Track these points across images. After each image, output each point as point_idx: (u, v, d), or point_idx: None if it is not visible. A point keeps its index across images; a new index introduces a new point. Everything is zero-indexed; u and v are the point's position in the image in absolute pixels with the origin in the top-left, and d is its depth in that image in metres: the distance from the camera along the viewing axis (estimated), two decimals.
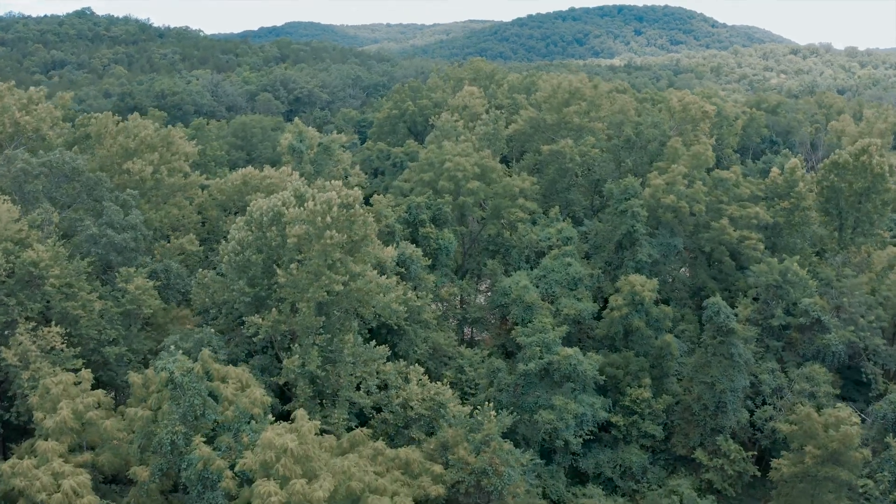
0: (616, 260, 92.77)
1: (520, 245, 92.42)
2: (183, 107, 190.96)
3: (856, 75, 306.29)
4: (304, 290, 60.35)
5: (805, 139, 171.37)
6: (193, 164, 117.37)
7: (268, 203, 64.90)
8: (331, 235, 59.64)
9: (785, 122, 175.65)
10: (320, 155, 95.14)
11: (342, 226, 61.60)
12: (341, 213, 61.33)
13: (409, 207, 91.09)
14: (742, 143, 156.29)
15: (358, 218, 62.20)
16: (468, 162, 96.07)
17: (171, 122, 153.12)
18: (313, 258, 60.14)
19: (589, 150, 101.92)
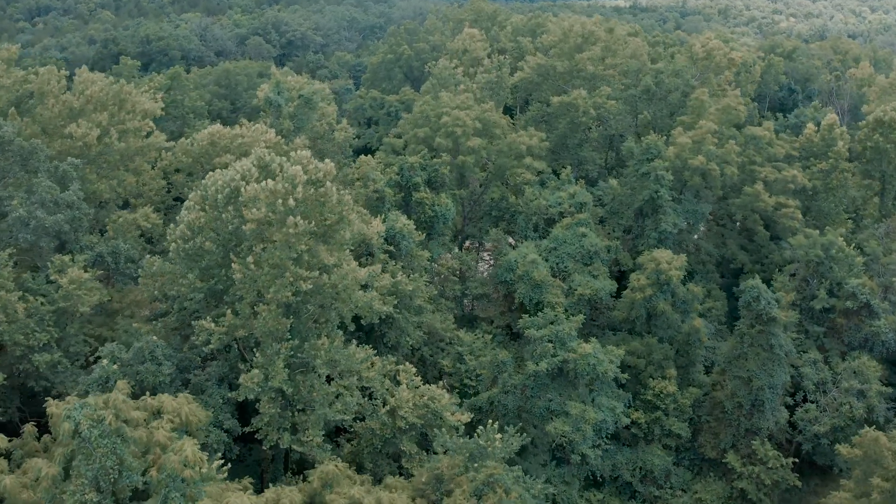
0: (636, 228, 78.77)
1: (527, 211, 78.32)
2: (169, 52, 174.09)
3: (867, 20, 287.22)
4: (264, 288, 46.59)
5: (824, 87, 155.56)
6: (170, 118, 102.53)
7: (224, 176, 50.62)
8: (295, 223, 45.54)
9: (803, 68, 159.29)
10: (301, 109, 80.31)
11: (311, 208, 47.51)
12: (308, 192, 47.16)
13: (402, 169, 76.73)
14: (758, 90, 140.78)
15: (330, 198, 47.98)
16: (468, 116, 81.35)
17: (157, 70, 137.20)
18: (275, 249, 46.20)
19: (604, 101, 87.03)
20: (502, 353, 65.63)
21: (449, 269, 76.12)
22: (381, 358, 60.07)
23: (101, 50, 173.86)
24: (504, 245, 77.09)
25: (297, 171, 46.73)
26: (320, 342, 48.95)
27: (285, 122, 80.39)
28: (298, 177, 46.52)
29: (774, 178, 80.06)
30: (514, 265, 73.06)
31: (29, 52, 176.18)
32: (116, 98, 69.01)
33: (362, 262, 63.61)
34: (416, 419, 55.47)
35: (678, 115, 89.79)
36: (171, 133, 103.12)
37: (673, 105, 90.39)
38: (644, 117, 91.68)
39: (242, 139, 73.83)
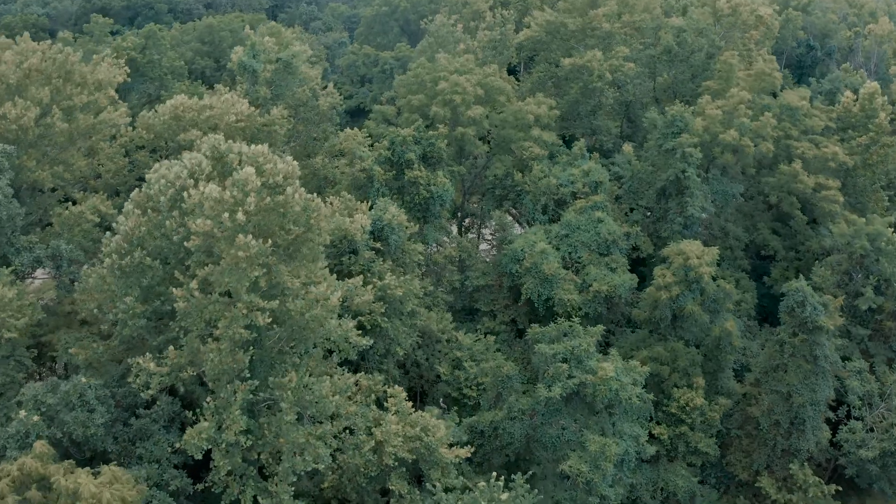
0: (657, 210, 67.59)
1: (534, 191, 67.01)
2: (155, 6, 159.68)
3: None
4: (213, 320, 35.77)
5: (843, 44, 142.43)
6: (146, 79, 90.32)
7: (169, 172, 39.29)
8: (246, 243, 34.40)
9: (820, 23, 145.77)
10: (279, 74, 68.37)
11: (268, 221, 36.36)
12: (264, 201, 35.85)
13: (393, 143, 65.26)
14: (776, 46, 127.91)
15: (292, 207, 36.66)
16: (468, 82, 69.41)
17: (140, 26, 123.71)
18: (223, 274, 35.18)
19: (621, 64, 75.02)
20: (507, 365, 55.09)
21: (446, 258, 65.25)
22: (367, 377, 49.71)
23: (83, 5, 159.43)
24: (509, 230, 66.02)
25: (248, 175, 35.34)
26: (287, 379, 38.29)
27: (261, 90, 68.53)
28: (250, 182, 35.17)
29: (813, 155, 68.62)
30: (521, 255, 62.19)
31: (9, 9, 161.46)
32: (61, 70, 57.01)
33: (344, 262, 52.73)
34: (406, 454, 45.34)
35: (701, 78, 77.95)
36: (147, 97, 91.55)
37: (695, 67, 78.42)
38: (663, 80, 79.82)
39: (211, 111, 62.23)
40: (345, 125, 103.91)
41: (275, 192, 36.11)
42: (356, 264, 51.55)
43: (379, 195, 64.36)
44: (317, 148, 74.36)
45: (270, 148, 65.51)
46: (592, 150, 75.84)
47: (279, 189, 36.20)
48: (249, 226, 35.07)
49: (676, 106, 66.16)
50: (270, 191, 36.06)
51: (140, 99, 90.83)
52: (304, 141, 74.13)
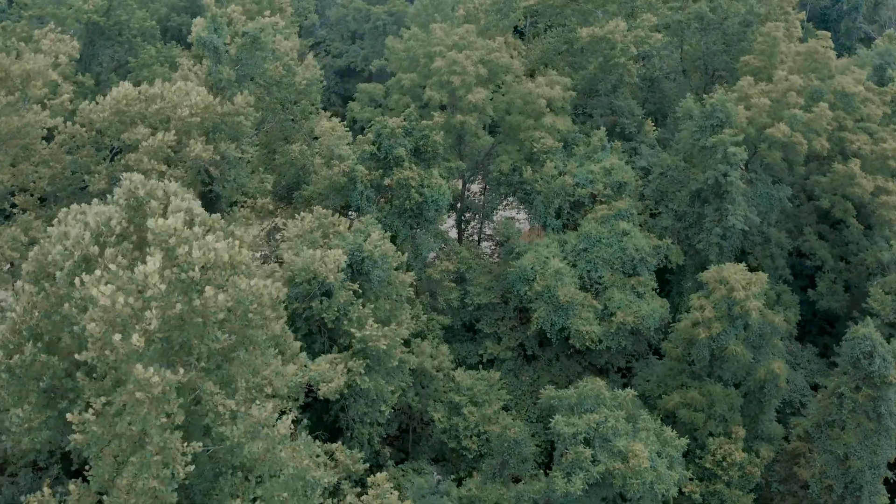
0: (691, 214, 57.00)
1: (547, 191, 56.25)
2: None
3: None
4: (121, 460, 25.60)
5: None
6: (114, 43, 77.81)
7: (68, 236, 28.54)
8: (146, 379, 23.68)
9: None
10: (246, 50, 56.66)
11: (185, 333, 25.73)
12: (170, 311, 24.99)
13: (379, 136, 54.21)
14: None
15: (214, 315, 25.72)
16: (469, 59, 57.66)
17: None
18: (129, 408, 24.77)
19: (647, 35, 63.21)
20: (515, 427, 45.45)
21: (443, 273, 54.92)
22: (344, 451, 39.94)
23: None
24: (515, 238, 55.42)
25: (148, 273, 24.47)
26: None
27: (224, 70, 56.83)
28: (152, 286, 24.38)
29: (870, 151, 57.75)
30: (532, 275, 51.90)
31: None
32: None
33: (314, 308, 42.18)
34: None
35: (735, 50, 66.32)
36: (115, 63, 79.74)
37: (729, 36, 66.74)
38: (692, 49, 68.15)
39: (162, 102, 51.00)
40: (334, 87, 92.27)
41: (191, 289, 25.41)
42: (329, 310, 41.20)
43: (363, 199, 53.66)
44: (295, 130, 63.21)
45: (234, 143, 55.07)
46: (612, 132, 64.65)
47: (197, 287, 25.46)
48: (153, 350, 24.49)
49: (717, 94, 54.89)
50: (185, 288, 25.35)
51: (108, 65, 79.10)
52: (279, 123, 62.84)
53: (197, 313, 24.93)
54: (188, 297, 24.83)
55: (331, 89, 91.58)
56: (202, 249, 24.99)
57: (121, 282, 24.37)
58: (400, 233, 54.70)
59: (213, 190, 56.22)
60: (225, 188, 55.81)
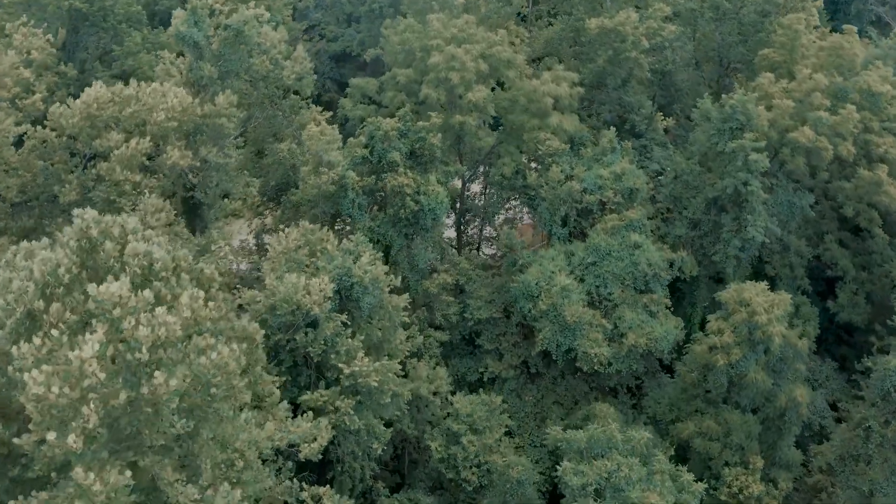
0: (706, 222, 52.90)
1: (552, 197, 52.08)
2: None
3: None
4: None
5: None
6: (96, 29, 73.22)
7: (14, 283, 24.54)
8: (86, 487, 19.72)
9: None
10: (228, 45, 52.15)
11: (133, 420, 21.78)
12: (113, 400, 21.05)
13: (371, 139, 50.03)
14: None
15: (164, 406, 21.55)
16: (469, 54, 53.13)
17: None
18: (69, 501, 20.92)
19: (660, 27, 58.63)
20: (518, 465, 41.86)
21: (440, 287, 50.96)
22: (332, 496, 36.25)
23: None
24: (518, 249, 51.31)
25: (85, 359, 20.46)
26: None
27: (206, 67, 52.35)
28: (90, 374, 20.40)
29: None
30: (536, 291, 47.96)
31: None
32: None
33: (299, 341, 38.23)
34: None
35: (753, 41, 61.80)
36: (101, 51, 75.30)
37: (746, 27, 62.18)
38: (705, 40, 63.60)
39: (137, 105, 46.81)
40: (328, 73, 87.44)
41: (140, 372, 21.41)
42: (315, 342, 37.26)
43: (354, 207, 49.56)
44: (284, 126, 59.01)
45: (216, 146, 50.73)
46: (620, 127, 60.32)
47: (146, 368, 21.41)
48: (92, 448, 20.54)
49: (737, 93, 50.54)
50: (132, 371, 21.35)
51: (93, 53, 74.69)
52: (267, 120, 58.61)
53: (146, 402, 21.05)
54: (135, 382, 20.90)
55: (325, 75, 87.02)
56: (151, 325, 21.03)
57: (57, 362, 20.42)
58: (395, 243, 50.74)
59: (195, 196, 52.20)
60: (207, 195, 51.74)
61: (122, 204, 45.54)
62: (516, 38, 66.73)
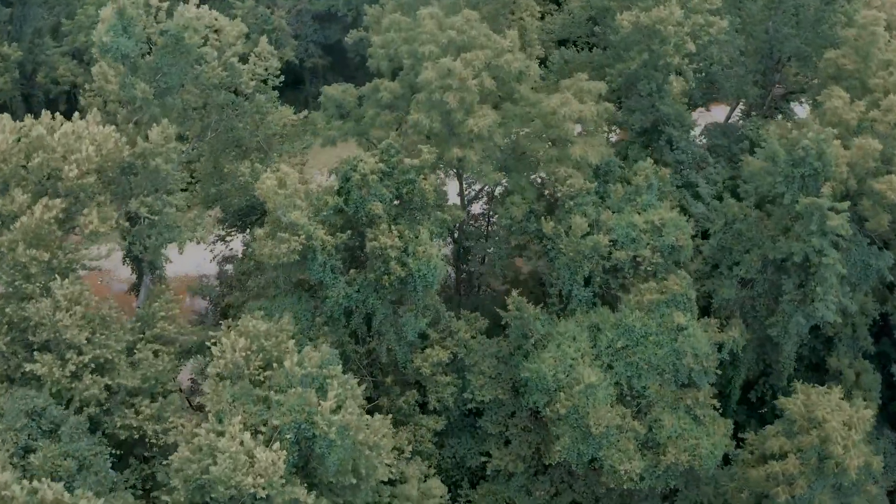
0: (761, 282, 42.13)
1: (573, 252, 41.04)
2: None
3: None
4: None
5: None
6: None
7: None
8: None
9: None
10: (167, 55, 40.18)
11: None
12: None
13: (345, 183, 38.92)
14: None
15: None
16: (471, 67, 40.91)
17: None
18: None
19: (708, 22, 46.10)
20: None
21: (434, 366, 40.69)
22: None
23: None
24: (530, 320, 40.61)
25: None
26: None
27: (139, 86, 40.40)
28: None
29: None
30: (553, 384, 37.78)
31: None
32: None
33: None
34: None
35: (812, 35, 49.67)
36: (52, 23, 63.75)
37: (804, 22, 49.92)
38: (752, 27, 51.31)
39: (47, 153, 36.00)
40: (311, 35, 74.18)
41: None
42: None
43: (325, 271, 38.77)
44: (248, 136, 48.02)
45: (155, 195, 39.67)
46: (652, 135, 48.89)
47: None
48: None
49: (812, 135, 38.87)
50: None
51: (44, 28, 63.05)
52: (225, 131, 47.36)
53: None
54: None
55: (308, 38, 74.37)
56: None
57: None
58: (377, 311, 40.31)
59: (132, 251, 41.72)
60: (147, 250, 41.05)
61: (28, 290, 35.01)
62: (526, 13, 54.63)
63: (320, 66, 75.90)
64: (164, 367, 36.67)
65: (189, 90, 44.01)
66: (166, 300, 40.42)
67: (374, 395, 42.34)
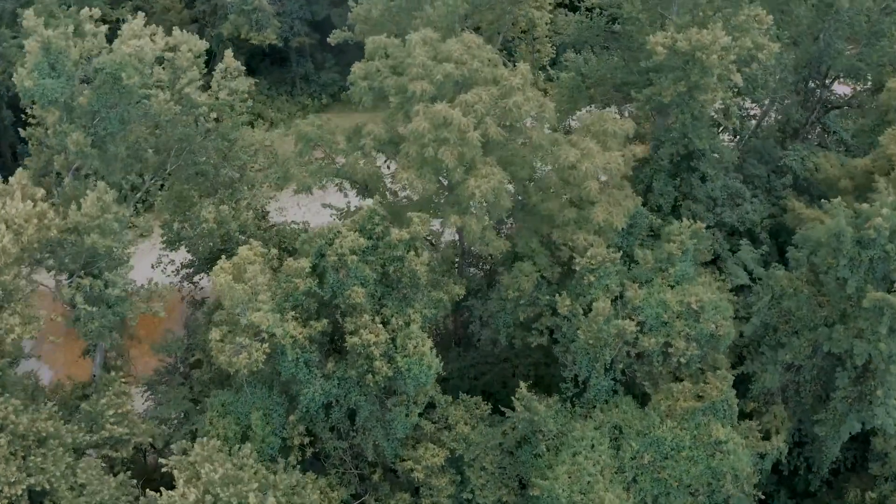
0: (809, 367, 35.35)
1: (592, 337, 34.01)
2: None
3: None
4: None
5: None
6: None
7: None
8: None
9: None
10: (104, 96, 32.43)
11: None
12: None
13: (319, 260, 31.79)
14: None
15: None
16: (472, 113, 33.04)
17: None
18: None
19: (759, 44, 37.75)
20: None
21: (428, 470, 34.25)
22: None
23: None
24: (541, 422, 33.93)
25: None
26: None
27: (71, 137, 32.71)
28: None
29: None
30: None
31: None
32: None
33: None
34: None
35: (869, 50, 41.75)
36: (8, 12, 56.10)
37: (860, 34, 41.95)
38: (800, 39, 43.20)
39: None
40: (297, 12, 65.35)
41: None
42: None
43: (298, 367, 32.06)
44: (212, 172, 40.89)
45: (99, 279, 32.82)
46: (680, 164, 41.39)
47: None
48: None
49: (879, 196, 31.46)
50: None
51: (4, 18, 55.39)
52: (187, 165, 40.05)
53: None
54: None
55: (294, 15, 66.08)
56: None
57: None
58: (361, 408, 33.68)
59: None
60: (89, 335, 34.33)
61: None
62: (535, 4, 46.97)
63: (307, 44, 67.55)
64: (112, 493, 30.33)
65: (136, 129, 36.33)
66: (116, 392, 33.84)
67: (359, 491, 36.24)
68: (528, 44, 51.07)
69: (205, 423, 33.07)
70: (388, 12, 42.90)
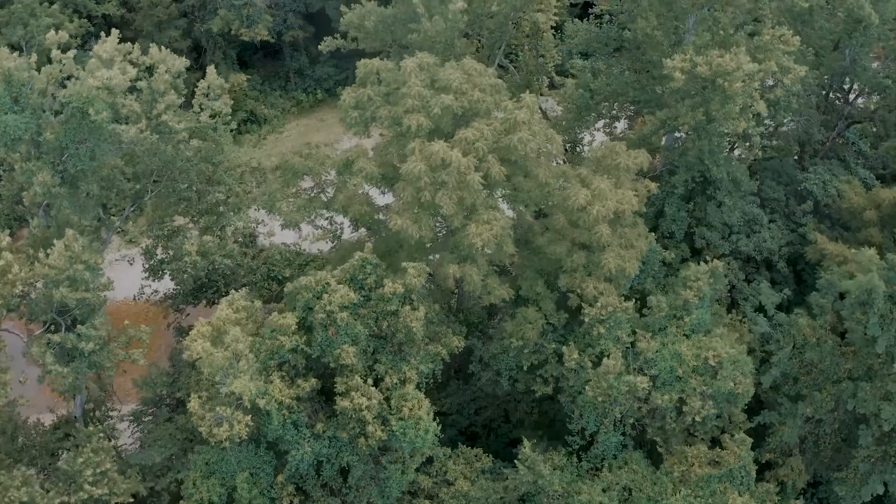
0: (831, 423, 32.86)
1: (601, 394, 31.41)
2: None
3: None
4: None
5: None
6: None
7: None
8: None
9: None
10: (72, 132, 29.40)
11: None
12: None
13: (306, 315, 29.14)
14: None
15: None
16: (473, 152, 29.97)
17: None
18: None
19: (787, 67, 34.52)
20: None
21: None
22: None
23: None
24: (546, 483, 31.58)
25: None
26: None
27: (37, 177, 29.83)
28: None
29: None
30: None
31: None
32: None
33: None
34: None
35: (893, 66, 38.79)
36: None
37: (887, 48, 38.87)
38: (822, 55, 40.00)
39: None
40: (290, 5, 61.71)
41: None
42: None
43: (284, 428, 29.62)
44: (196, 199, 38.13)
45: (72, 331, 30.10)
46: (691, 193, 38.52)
47: None
48: None
49: None
50: None
51: None
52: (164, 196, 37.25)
53: None
54: None
55: (287, 7, 62.44)
56: None
57: None
58: (354, 468, 31.32)
59: None
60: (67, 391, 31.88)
61: None
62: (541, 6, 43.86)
63: (301, 38, 63.92)
64: None
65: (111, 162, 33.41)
66: (94, 448, 31.43)
67: None
68: (532, 48, 47.85)
69: (188, 486, 30.76)
70: (383, 23, 39.77)
